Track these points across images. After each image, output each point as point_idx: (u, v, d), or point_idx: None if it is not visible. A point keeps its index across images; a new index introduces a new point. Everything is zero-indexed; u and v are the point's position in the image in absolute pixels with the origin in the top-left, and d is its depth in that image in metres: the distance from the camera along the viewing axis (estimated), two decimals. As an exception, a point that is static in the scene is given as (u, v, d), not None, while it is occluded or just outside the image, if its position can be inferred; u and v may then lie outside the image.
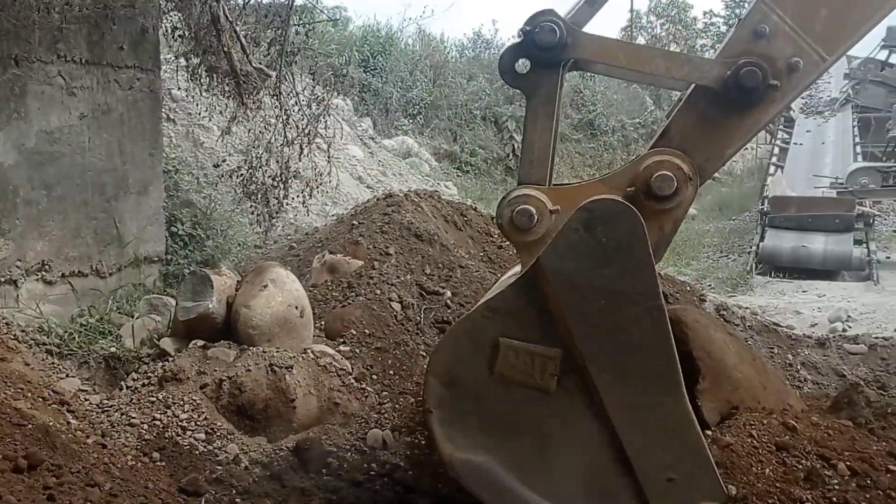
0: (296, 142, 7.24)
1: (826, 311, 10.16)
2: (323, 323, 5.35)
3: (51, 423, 3.56)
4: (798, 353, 7.13)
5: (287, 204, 7.88)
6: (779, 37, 3.41)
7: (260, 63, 6.79)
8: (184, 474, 3.77)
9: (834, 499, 3.37)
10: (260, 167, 7.31)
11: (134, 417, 4.04)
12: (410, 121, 21.16)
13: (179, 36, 6.72)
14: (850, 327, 9.16)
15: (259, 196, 7.32)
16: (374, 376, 4.91)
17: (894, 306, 10.24)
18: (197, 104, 8.59)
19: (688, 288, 8.05)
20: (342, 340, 5.17)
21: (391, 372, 4.99)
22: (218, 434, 4.09)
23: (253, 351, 4.51)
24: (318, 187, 7.95)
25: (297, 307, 4.85)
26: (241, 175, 7.40)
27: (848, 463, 3.56)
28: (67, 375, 4.41)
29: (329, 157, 7.91)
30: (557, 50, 3.52)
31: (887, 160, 19.74)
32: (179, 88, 9.06)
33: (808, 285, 12.73)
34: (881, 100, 23.88)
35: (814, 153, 20.93)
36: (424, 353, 5.22)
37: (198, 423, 4.11)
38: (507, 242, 7.40)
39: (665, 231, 3.50)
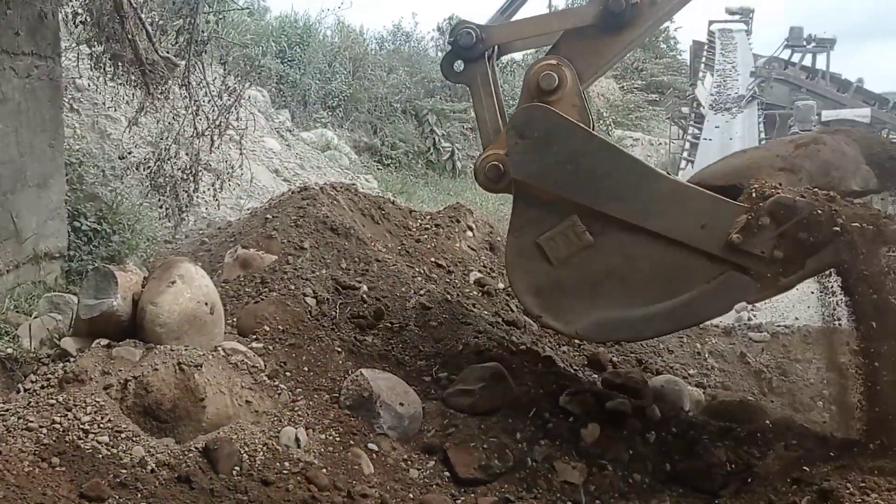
0: (206, 133, 7.04)
1: (733, 301, 10.53)
2: (235, 319, 5.23)
3: (-62, 430, 3.37)
4: (706, 342, 7.39)
5: (198, 197, 7.66)
6: None
7: (168, 52, 6.56)
8: (85, 479, 3.61)
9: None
10: (169, 159, 7.08)
11: (32, 421, 3.85)
12: (330, 113, 20.93)
13: (81, 22, 6.43)
14: (754, 316, 9.51)
15: (168, 189, 7.09)
16: (288, 373, 4.82)
17: (795, 295, 10.68)
18: (102, 94, 8.26)
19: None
20: (255, 337, 5.07)
21: (305, 368, 4.91)
22: (123, 436, 3.93)
23: (160, 349, 4.36)
24: (229, 180, 7.76)
25: (206, 303, 4.72)
26: (149, 167, 7.15)
27: None
28: (-41, 379, 4.19)
29: (242, 150, 7.73)
30: (478, 45, 4.69)
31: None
32: (81, 77, 8.70)
33: (716, 276, 13.18)
34: (785, 97, 24.94)
35: (722, 148, 21.62)
36: (339, 349, 5.16)
37: (101, 425, 3.94)
38: (426, 236, 7.42)
39: (577, 104, 4.55)
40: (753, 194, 4.25)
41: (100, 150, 8.20)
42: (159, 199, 7.29)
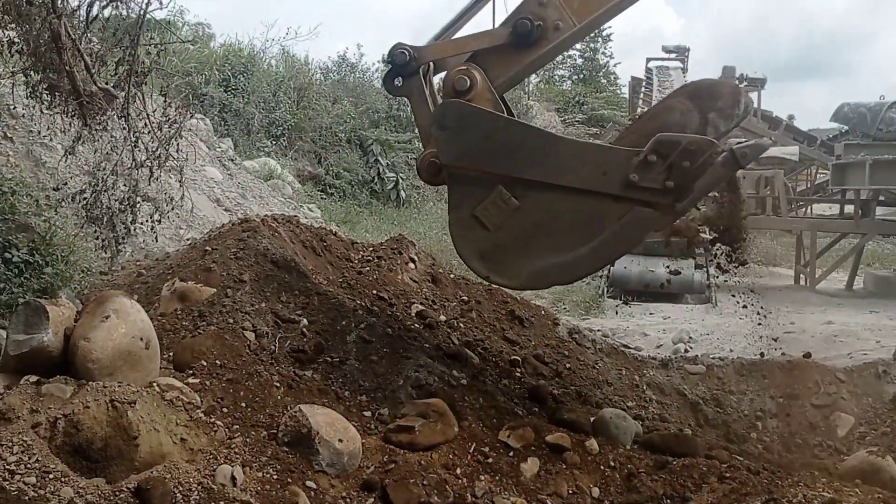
0: (146, 165, 6.92)
1: (670, 333, 10.76)
2: (171, 354, 5.14)
3: None
4: (644, 374, 7.51)
5: (136, 228, 7.51)
6: (550, 6, 5.31)
7: (107, 83, 6.45)
8: (11, 523, 3.50)
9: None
10: (106, 190, 6.93)
11: (-46, 462, 3.71)
12: (273, 142, 20.84)
13: (17, 51, 6.28)
14: (691, 348, 9.74)
15: (104, 221, 6.93)
16: (225, 409, 4.74)
17: (730, 327, 10.98)
18: (38, 122, 8.07)
19: (542, 312, 8.31)
20: (191, 372, 4.97)
21: (243, 404, 4.83)
22: (51, 477, 3.81)
23: (92, 386, 4.25)
24: (168, 212, 7.63)
25: (142, 339, 4.63)
26: (85, 199, 6.98)
27: None
28: None
29: (181, 181, 7.62)
30: (412, 64, 5.48)
31: (725, 189, 21.16)
32: (15, 107, 8.49)
33: (654, 308, 13.46)
34: (720, 133, 25.62)
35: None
36: (278, 384, 5.10)
37: (28, 465, 3.81)
38: (368, 268, 7.41)
39: (490, 98, 5.30)
40: None
41: (34, 179, 8.00)
42: (96, 231, 7.12)
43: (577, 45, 45.53)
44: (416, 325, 6.66)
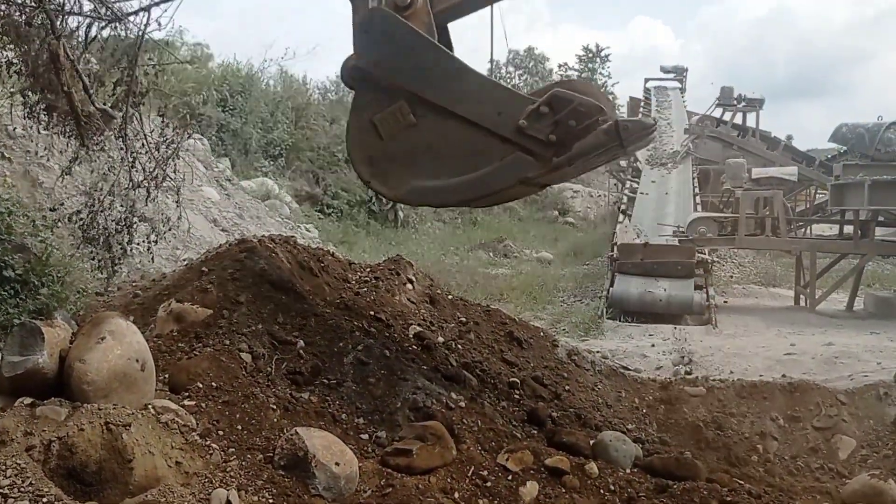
0: (142, 185, 6.91)
1: (670, 355, 10.70)
2: (167, 376, 5.09)
3: None
4: (644, 397, 7.46)
5: (133, 248, 7.47)
6: None
7: (104, 103, 6.45)
8: (2, 548, 3.44)
9: None
10: (102, 211, 6.91)
11: (-54, 487, 3.66)
12: (271, 162, 20.88)
13: (16, 72, 6.29)
14: (691, 370, 9.68)
15: (101, 241, 6.90)
16: (221, 432, 4.69)
17: (730, 349, 10.93)
18: (36, 142, 8.07)
19: (541, 333, 8.27)
20: (187, 394, 4.93)
21: (239, 427, 4.78)
22: (44, 501, 3.75)
23: (87, 408, 4.20)
24: (165, 233, 7.60)
25: (137, 360, 4.59)
26: (82, 219, 6.96)
27: None
28: None
29: (179, 201, 7.61)
30: None
31: (724, 209, 21.27)
32: (14, 126, 8.49)
33: (654, 329, 13.39)
34: (717, 154, 25.84)
35: (658, 202, 22.20)
36: (275, 407, 5.05)
37: (21, 489, 3.76)
38: (365, 289, 7.38)
39: (426, 21, 5.37)
40: None
41: (31, 200, 7.98)
42: (92, 251, 7.09)
43: (576, 66, 45.75)
44: (414, 346, 6.62)
